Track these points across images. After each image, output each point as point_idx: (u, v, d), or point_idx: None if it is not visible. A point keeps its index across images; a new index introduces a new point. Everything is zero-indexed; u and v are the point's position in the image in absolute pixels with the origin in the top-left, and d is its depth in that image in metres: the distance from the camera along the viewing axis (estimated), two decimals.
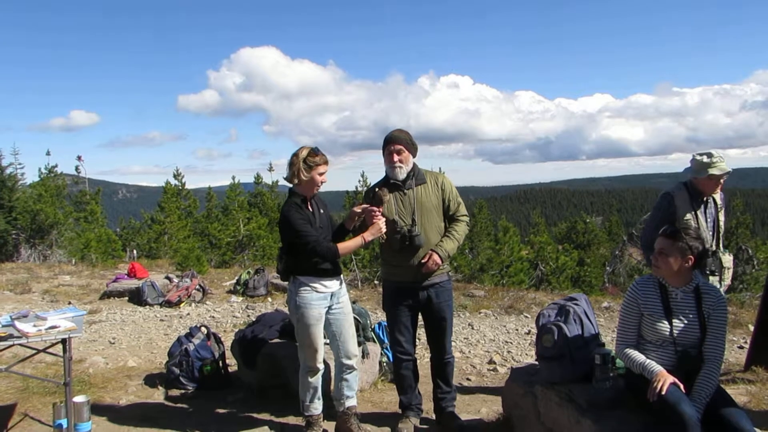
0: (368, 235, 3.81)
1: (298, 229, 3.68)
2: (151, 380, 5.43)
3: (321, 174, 3.79)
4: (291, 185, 3.84)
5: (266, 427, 4.26)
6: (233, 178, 27.76)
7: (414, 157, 4.07)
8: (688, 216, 4.32)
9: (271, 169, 27.30)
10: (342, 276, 4.06)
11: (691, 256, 3.10)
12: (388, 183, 4.02)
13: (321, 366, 3.95)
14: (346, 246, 3.86)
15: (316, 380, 3.96)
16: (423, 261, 3.95)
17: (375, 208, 3.82)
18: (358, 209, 3.91)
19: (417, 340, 4.42)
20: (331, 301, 3.91)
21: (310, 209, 3.84)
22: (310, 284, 3.81)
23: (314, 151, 3.75)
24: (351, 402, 4.10)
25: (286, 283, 4.00)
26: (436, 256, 3.94)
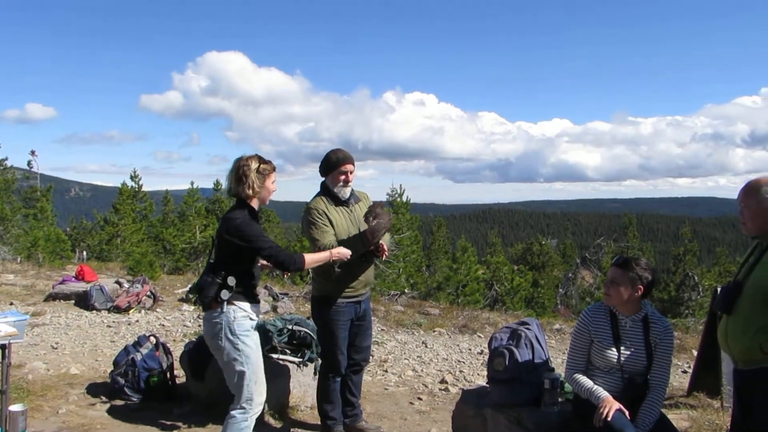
0: (335, 256, 3.63)
1: (254, 233, 3.32)
2: (93, 389, 5.23)
3: (273, 182, 3.51)
4: (238, 198, 3.45)
5: None
6: (192, 183, 27.35)
7: None
8: None
9: None
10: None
11: (640, 286, 3.18)
12: (335, 200, 4.05)
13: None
14: (312, 257, 3.57)
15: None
16: (380, 247, 3.97)
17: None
18: None
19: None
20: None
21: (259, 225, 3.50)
22: (246, 310, 3.40)
23: (263, 159, 3.46)
24: None
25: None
26: (385, 246, 4.05)
